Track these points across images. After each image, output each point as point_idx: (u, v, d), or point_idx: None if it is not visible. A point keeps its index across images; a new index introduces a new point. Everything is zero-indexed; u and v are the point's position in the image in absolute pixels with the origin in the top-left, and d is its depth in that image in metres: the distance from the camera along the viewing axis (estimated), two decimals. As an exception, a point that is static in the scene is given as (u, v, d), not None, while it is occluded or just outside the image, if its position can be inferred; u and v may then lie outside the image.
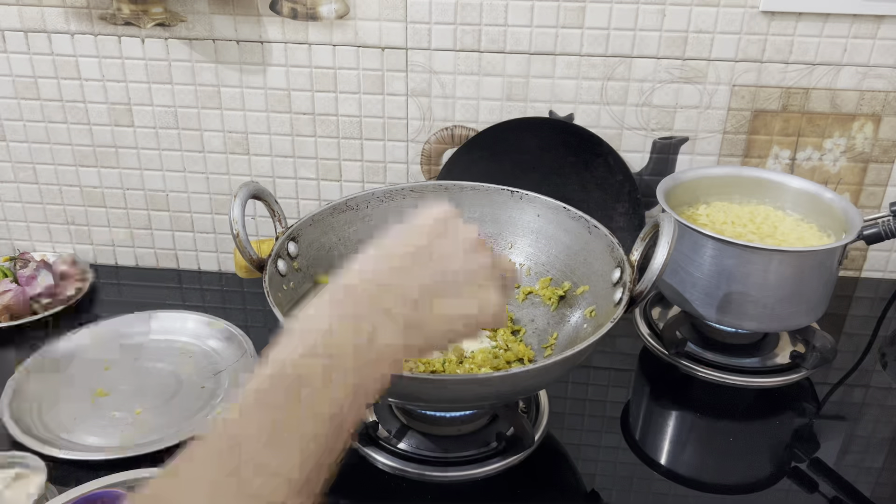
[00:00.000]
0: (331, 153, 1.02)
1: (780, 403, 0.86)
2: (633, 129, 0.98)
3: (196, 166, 1.04)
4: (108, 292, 1.06)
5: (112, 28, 0.96)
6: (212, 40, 0.96)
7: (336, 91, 0.98)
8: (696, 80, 0.95)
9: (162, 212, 1.07)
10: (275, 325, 0.66)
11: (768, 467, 0.77)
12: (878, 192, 1.00)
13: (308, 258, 0.80)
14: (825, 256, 0.81)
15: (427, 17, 0.93)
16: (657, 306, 0.99)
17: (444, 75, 0.96)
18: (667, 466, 0.78)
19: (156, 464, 0.73)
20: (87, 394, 0.84)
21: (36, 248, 1.11)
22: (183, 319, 0.95)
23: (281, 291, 0.73)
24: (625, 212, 0.97)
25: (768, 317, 0.83)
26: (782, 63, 0.93)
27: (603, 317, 0.75)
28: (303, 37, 0.95)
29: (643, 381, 0.91)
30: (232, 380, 0.86)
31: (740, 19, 0.91)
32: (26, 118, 1.02)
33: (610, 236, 0.77)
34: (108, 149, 1.03)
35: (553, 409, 0.80)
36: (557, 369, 0.66)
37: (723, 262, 0.81)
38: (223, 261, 1.11)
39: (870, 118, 0.96)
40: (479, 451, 0.75)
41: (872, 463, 0.78)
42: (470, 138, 0.99)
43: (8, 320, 0.95)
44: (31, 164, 1.05)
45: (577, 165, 0.98)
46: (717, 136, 0.98)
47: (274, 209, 0.78)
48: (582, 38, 0.93)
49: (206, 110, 1.00)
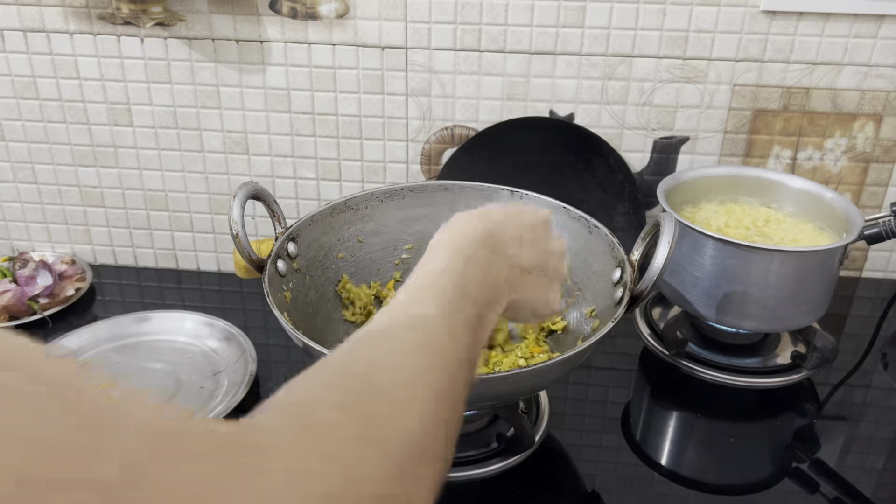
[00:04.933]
0: (330, 153, 1.02)
1: (780, 404, 0.85)
2: (633, 128, 0.98)
3: (195, 166, 1.04)
4: (108, 292, 1.06)
5: (111, 27, 0.96)
6: (211, 40, 0.96)
7: (336, 91, 0.98)
8: (696, 80, 0.95)
9: (161, 212, 1.07)
10: (274, 325, 0.65)
11: (769, 468, 0.77)
12: (879, 192, 1.00)
13: (308, 258, 0.80)
14: (826, 256, 0.81)
15: (427, 17, 0.93)
16: (658, 306, 0.99)
17: (444, 75, 0.96)
18: (667, 467, 0.77)
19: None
20: (85, 394, 0.84)
21: (35, 248, 1.10)
22: (182, 320, 0.94)
23: (280, 292, 0.73)
24: (625, 212, 0.97)
25: (769, 317, 0.82)
26: (783, 63, 0.93)
27: (603, 317, 0.75)
28: (302, 36, 0.95)
29: (644, 382, 0.90)
30: (231, 380, 0.85)
31: (741, 19, 0.91)
32: (25, 118, 1.02)
33: (610, 236, 0.77)
34: (107, 148, 1.03)
35: (553, 410, 0.80)
36: (558, 369, 0.65)
37: (723, 262, 0.80)
38: (222, 261, 1.10)
39: (871, 118, 0.96)
40: (479, 451, 0.75)
41: (874, 463, 0.78)
42: (470, 138, 0.99)
43: (7, 320, 0.95)
44: (30, 163, 1.05)
45: (578, 165, 0.97)
46: (717, 135, 0.98)
47: (273, 209, 0.78)
48: (582, 37, 0.93)
49: (205, 110, 1.00)
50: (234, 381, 0.85)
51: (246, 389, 0.82)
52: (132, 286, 1.08)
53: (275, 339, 0.93)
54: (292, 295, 0.76)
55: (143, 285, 1.08)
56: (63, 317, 0.98)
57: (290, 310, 0.73)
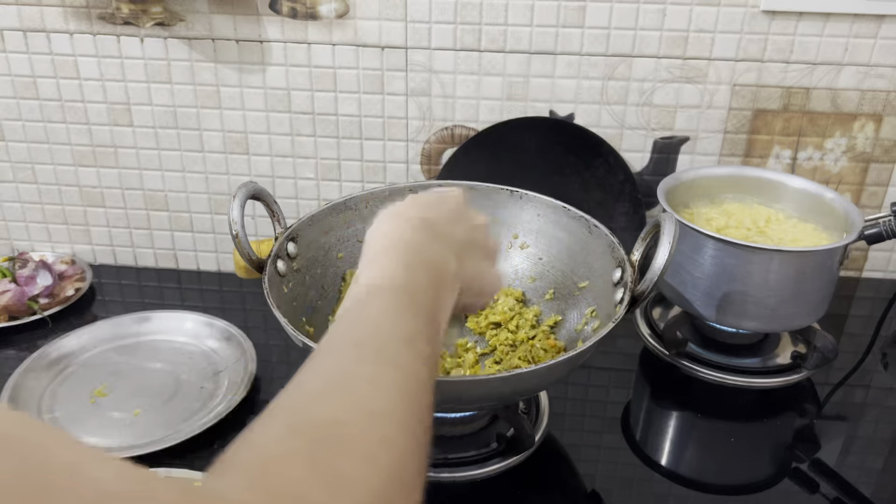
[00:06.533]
0: (330, 153, 1.02)
1: (780, 404, 0.85)
2: (633, 128, 0.98)
3: (195, 166, 1.04)
4: (107, 292, 1.06)
5: (111, 27, 0.96)
6: (211, 40, 0.96)
7: (336, 90, 0.98)
8: (696, 80, 0.95)
9: (161, 212, 1.07)
10: (274, 325, 0.65)
11: (769, 468, 0.77)
12: (880, 192, 1.00)
13: (307, 259, 0.80)
14: (826, 256, 0.81)
15: (427, 17, 0.93)
16: (658, 307, 0.99)
17: (444, 75, 0.96)
18: (667, 467, 0.77)
19: (155, 464, 0.73)
20: (85, 394, 0.84)
21: (35, 248, 1.10)
22: (182, 319, 0.94)
23: (280, 292, 0.73)
24: (625, 212, 0.97)
25: (769, 317, 0.82)
26: (783, 62, 0.93)
27: (604, 317, 0.75)
28: (302, 36, 0.95)
29: (644, 382, 0.90)
30: (231, 380, 0.85)
31: (741, 19, 0.91)
32: (25, 118, 1.02)
33: (610, 236, 0.77)
34: (106, 148, 1.03)
35: (553, 410, 0.80)
36: (558, 370, 0.65)
37: (724, 262, 0.80)
38: (222, 261, 1.10)
39: (871, 118, 0.96)
40: (479, 451, 0.75)
41: (874, 464, 0.78)
42: (470, 138, 0.99)
43: (7, 320, 0.95)
44: (30, 163, 1.05)
45: (578, 165, 0.97)
46: (717, 135, 0.98)
47: (273, 209, 0.78)
48: (582, 37, 0.93)
49: (205, 110, 1.00)
50: (234, 381, 0.85)
51: (246, 389, 0.82)
52: (132, 286, 1.08)
53: (275, 339, 0.93)
54: (292, 295, 0.76)
55: (143, 285, 1.08)
56: (63, 317, 0.98)
57: (290, 310, 0.73)
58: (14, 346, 0.93)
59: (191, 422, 0.80)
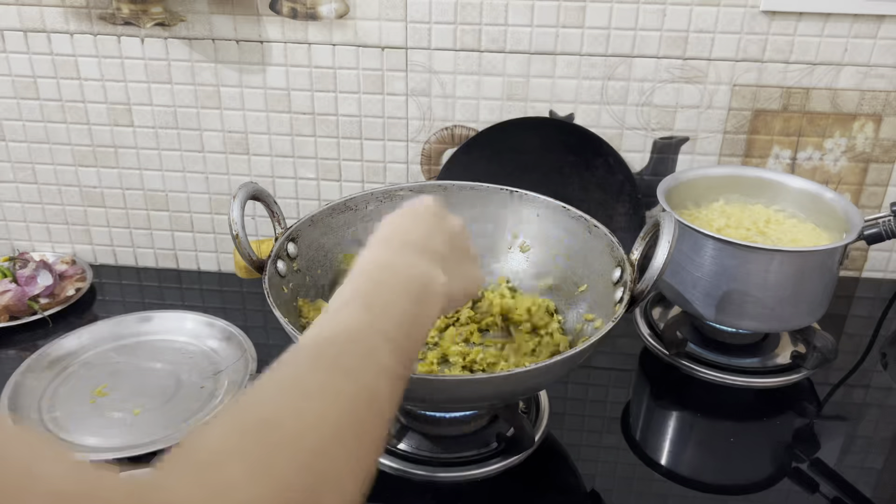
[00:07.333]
0: (330, 153, 1.02)
1: (780, 404, 0.85)
2: (633, 128, 0.98)
3: (195, 166, 1.04)
4: (108, 292, 1.06)
5: (111, 28, 0.96)
6: (211, 40, 0.96)
7: (336, 91, 0.98)
8: (696, 80, 0.95)
9: (161, 212, 1.07)
10: (274, 325, 0.65)
11: (769, 468, 0.77)
12: (879, 192, 1.00)
13: (307, 259, 0.80)
14: (826, 256, 0.81)
15: (427, 17, 0.93)
16: (658, 306, 0.99)
17: (444, 75, 0.96)
18: (667, 467, 0.77)
19: (154, 464, 0.73)
20: (86, 394, 0.84)
21: (35, 248, 1.11)
22: (182, 319, 0.95)
23: (280, 292, 0.73)
24: (625, 212, 0.97)
25: (769, 317, 0.82)
26: (783, 63, 0.93)
27: (603, 316, 0.75)
28: (302, 36, 0.95)
29: (643, 382, 0.91)
30: (231, 380, 0.85)
31: (741, 19, 0.91)
32: (25, 118, 1.02)
33: (610, 236, 0.77)
34: (107, 149, 1.03)
35: (553, 410, 0.80)
36: (558, 369, 0.66)
37: (723, 262, 0.80)
38: (223, 261, 1.10)
39: (870, 118, 0.96)
40: (479, 451, 0.75)
41: (873, 463, 0.78)
42: (470, 138, 0.99)
43: (7, 320, 0.95)
44: (31, 163, 1.05)
45: (578, 165, 0.97)
46: (717, 135, 0.98)
47: (273, 210, 0.78)
48: (582, 37, 0.93)
49: (205, 110, 1.00)
50: (234, 381, 0.85)
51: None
52: (132, 286, 1.08)
53: (275, 339, 0.93)
54: (292, 295, 0.76)
55: (143, 285, 1.08)
56: (63, 317, 0.98)
57: (290, 310, 0.73)
58: (14, 345, 0.93)
59: (191, 422, 0.80)
